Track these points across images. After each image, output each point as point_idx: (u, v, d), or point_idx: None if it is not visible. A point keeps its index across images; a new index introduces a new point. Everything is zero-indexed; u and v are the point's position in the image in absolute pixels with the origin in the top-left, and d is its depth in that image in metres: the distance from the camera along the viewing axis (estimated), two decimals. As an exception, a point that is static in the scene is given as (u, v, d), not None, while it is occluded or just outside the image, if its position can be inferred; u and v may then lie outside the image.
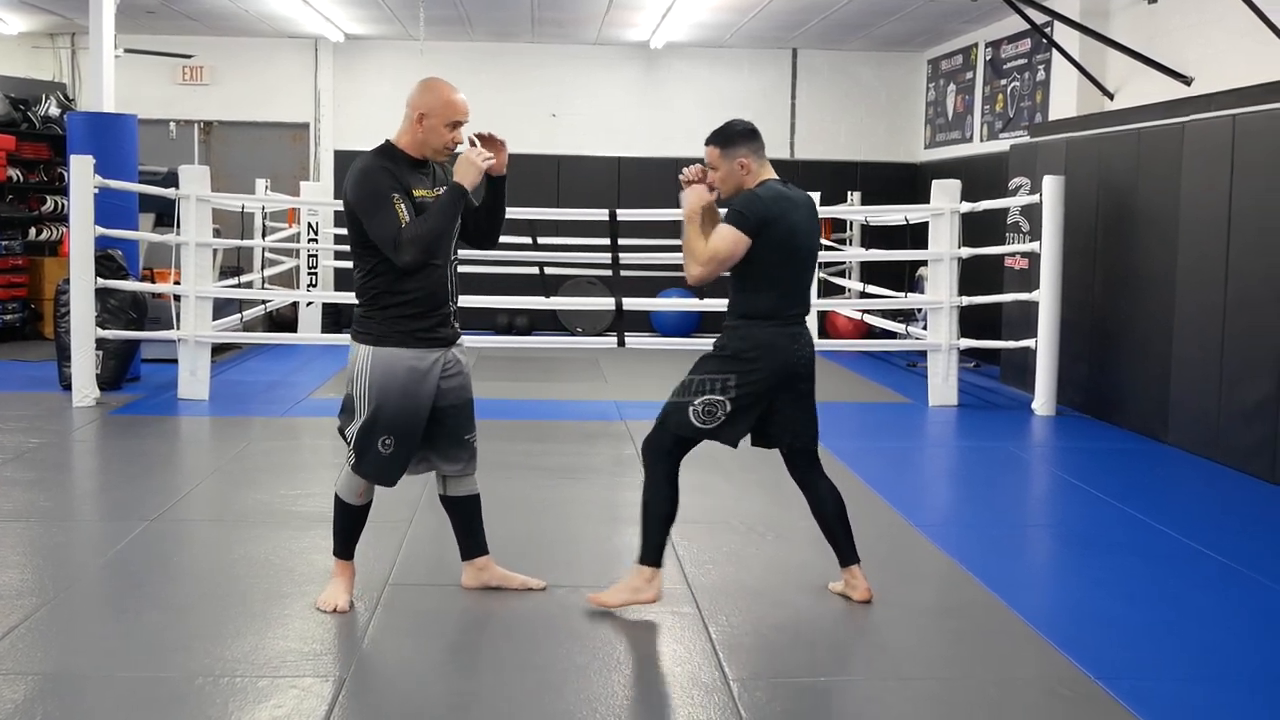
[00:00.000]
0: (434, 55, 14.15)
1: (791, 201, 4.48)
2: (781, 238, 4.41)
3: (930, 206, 9.64)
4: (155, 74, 14.27)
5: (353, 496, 4.47)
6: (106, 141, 9.39)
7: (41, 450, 7.25)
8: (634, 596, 4.47)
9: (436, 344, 4.37)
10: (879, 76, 14.94)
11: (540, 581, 4.75)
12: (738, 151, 4.51)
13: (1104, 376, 8.91)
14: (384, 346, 4.31)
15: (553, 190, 14.20)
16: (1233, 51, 8.16)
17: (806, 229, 4.52)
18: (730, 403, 4.43)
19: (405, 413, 4.32)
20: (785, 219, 4.42)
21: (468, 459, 4.56)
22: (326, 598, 4.47)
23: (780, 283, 4.45)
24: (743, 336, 4.46)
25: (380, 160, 4.34)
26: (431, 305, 4.34)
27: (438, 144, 4.38)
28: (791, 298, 4.50)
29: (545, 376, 10.80)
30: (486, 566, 4.72)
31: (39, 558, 5.19)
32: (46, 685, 3.77)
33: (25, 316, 12.67)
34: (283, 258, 13.24)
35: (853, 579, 4.67)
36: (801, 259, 4.51)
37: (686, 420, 4.47)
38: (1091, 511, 6.28)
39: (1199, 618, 4.64)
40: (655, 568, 4.48)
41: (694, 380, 4.49)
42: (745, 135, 4.55)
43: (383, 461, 4.36)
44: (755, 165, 4.52)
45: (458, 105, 4.41)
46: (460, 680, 3.92)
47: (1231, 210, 7.36)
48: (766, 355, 4.43)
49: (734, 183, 4.52)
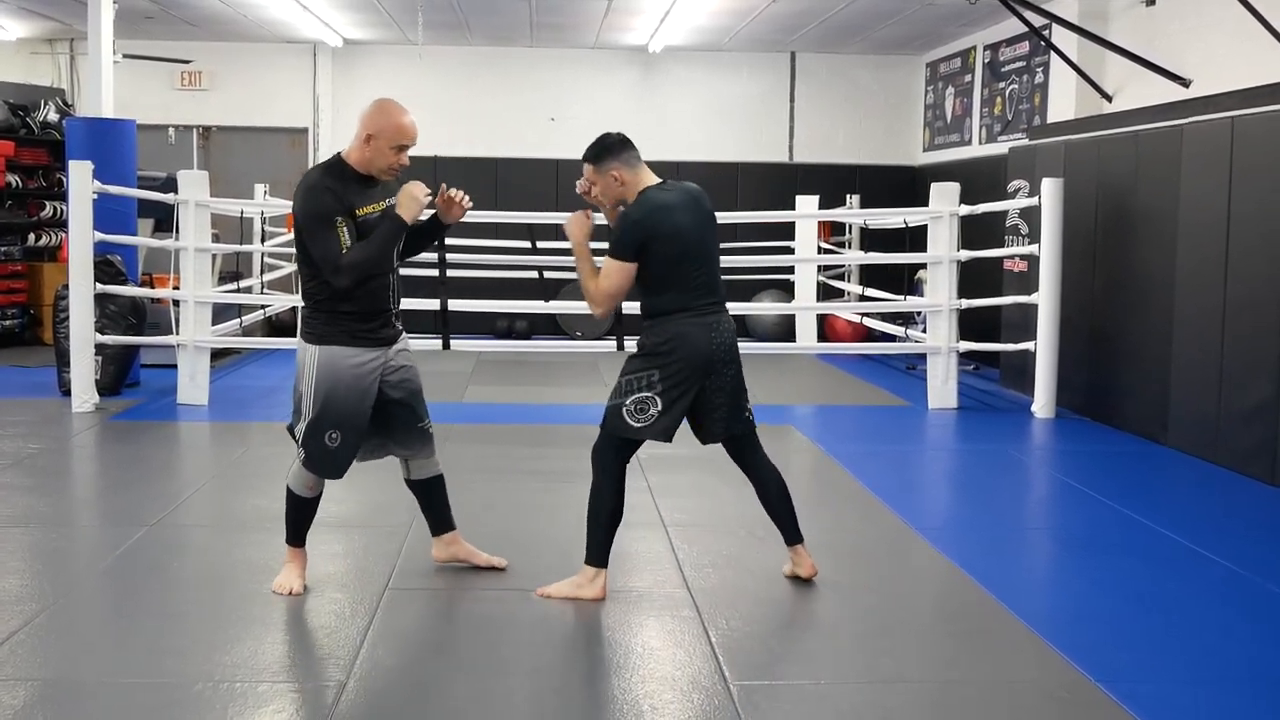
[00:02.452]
0: (432, 60, 14.17)
1: (668, 208, 4.55)
2: (663, 246, 4.52)
3: (929, 209, 9.64)
4: (154, 79, 14.27)
5: (303, 489, 4.69)
6: (105, 147, 9.39)
7: (41, 456, 7.25)
8: (576, 592, 4.64)
9: (378, 343, 4.58)
10: (877, 80, 14.95)
11: (503, 560, 4.99)
12: (609, 165, 4.61)
13: (1103, 379, 8.91)
14: (328, 345, 4.51)
15: (551, 194, 14.21)
16: (1231, 54, 8.17)
17: (691, 225, 4.59)
18: (659, 397, 4.54)
19: (349, 407, 4.53)
20: (662, 228, 4.52)
21: (423, 443, 4.80)
22: (281, 581, 4.69)
23: (677, 281, 4.56)
24: (656, 332, 4.58)
25: (326, 179, 4.50)
26: (373, 308, 4.55)
27: (383, 165, 4.54)
28: (696, 291, 4.59)
29: (544, 381, 10.80)
30: (454, 541, 4.98)
31: (38, 563, 5.19)
32: (46, 691, 3.77)
33: (24, 322, 12.67)
34: (282, 262, 13.22)
35: (798, 557, 4.86)
36: (694, 256, 4.59)
37: (622, 421, 4.60)
38: (1091, 514, 6.27)
39: (1198, 620, 4.64)
40: (600, 568, 4.65)
41: (622, 381, 4.62)
42: (615, 148, 4.63)
43: (329, 454, 4.57)
44: (629, 175, 4.61)
45: (405, 129, 4.54)
46: (460, 684, 3.91)
47: (1230, 212, 7.36)
48: (681, 345, 4.53)
49: (613, 194, 4.65)
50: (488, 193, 13.85)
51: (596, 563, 4.65)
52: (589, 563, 4.65)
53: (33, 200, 13.06)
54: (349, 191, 4.47)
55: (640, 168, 4.63)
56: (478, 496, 6.11)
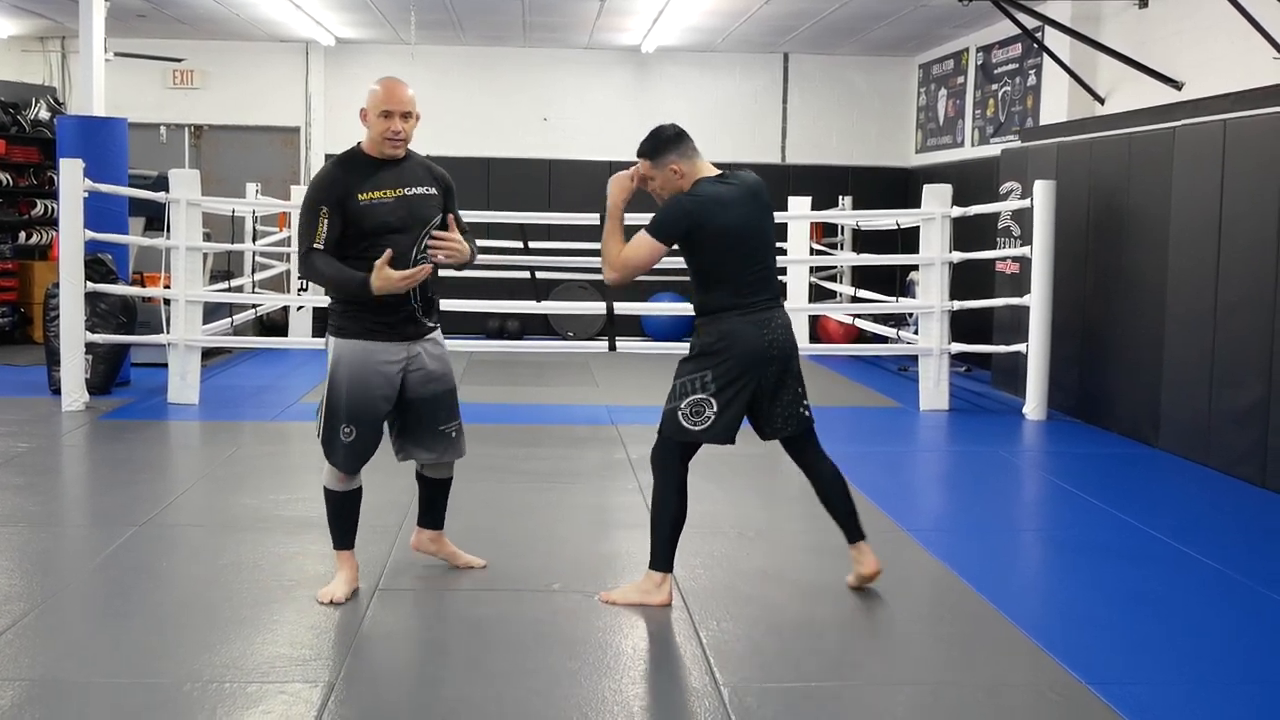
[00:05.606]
0: (425, 59, 14.14)
1: (722, 203, 4.48)
2: (712, 240, 4.45)
3: (921, 211, 9.65)
4: (146, 78, 14.23)
5: (335, 482, 4.60)
6: (96, 145, 9.36)
7: (30, 455, 7.22)
8: (643, 598, 4.58)
9: (398, 338, 4.49)
10: (870, 81, 14.95)
11: (481, 561, 4.98)
12: (668, 159, 4.55)
13: (1095, 381, 8.92)
14: (345, 338, 4.47)
15: (544, 194, 14.21)
16: (1223, 56, 8.18)
17: (745, 220, 4.52)
18: (714, 399, 4.48)
19: (363, 401, 4.47)
20: (715, 221, 4.44)
21: (443, 449, 4.69)
22: (326, 589, 4.59)
23: (729, 277, 4.50)
24: (708, 331, 4.53)
25: (332, 169, 4.52)
26: (394, 301, 4.43)
27: (376, 135, 4.50)
28: (748, 288, 4.53)
29: (536, 381, 10.79)
30: (438, 539, 4.96)
31: (27, 563, 5.17)
32: (34, 691, 3.75)
33: (15, 321, 12.64)
34: (273, 262, 13.21)
35: (860, 554, 4.74)
36: (745, 251, 4.52)
37: (678, 425, 4.52)
38: (1082, 516, 6.28)
39: (1190, 622, 4.64)
40: (665, 573, 4.59)
41: (676, 385, 4.56)
42: (672, 141, 4.57)
43: (345, 449, 4.49)
44: (687, 167, 4.55)
45: (386, 93, 4.49)
46: (450, 686, 3.90)
47: (1222, 215, 7.38)
48: (734, 343, 4.48)
49: (671, 188, 4.58)
50: (480, 193, 13.85)
51: (662, 568, 4.58)
52: (654, 568, 4.59)
53: (23, 198, 13.03)
54: (352, 178, 4.43)
55: (697, 158, 4.56)
56: (468, 495, 6.09)
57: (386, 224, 4.41)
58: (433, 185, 4.58)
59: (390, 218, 4.42)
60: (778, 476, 6.59)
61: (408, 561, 5.09)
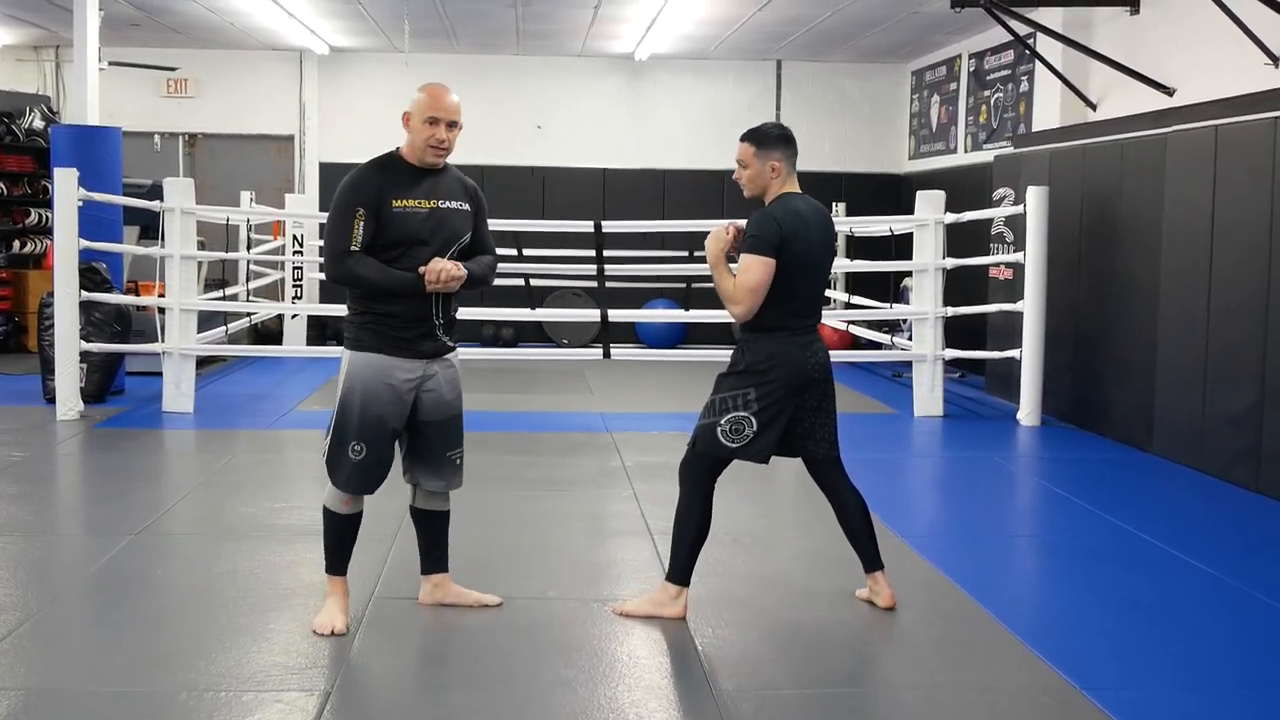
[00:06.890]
0: (419, 68, 14.13)
1: (805, 221, 4.47)
2: (796, 256, 4.42)
3: (915, 217, 9.66)
4: (140, 86, 14.22)
5: (337, 504, 4.42)
6: (91, 154, 9.35)
7: (25, 464, 7.22)
8: (657, 610, 4.53)
9: (414, 355, 4.32)
10: (863, 88, 14.98)
11: (496, 598, 4.69)
12: (772, 154, 4.51)
13: (1088, 386, 8.94)
14: (358, 351, 4.31)
15: (538, 202, 14.20)
16: (1215, 63, 8.20)
17: (819, 242, 4.53)
18: (755, 417, 4.44)
19: (373, 418, 4.28)
20: (799, 237, 4.43)
21: (449, 477, 4.52)
22: (322, 620, 4.37)
23: (793, 297, 4.47)
24: (755, 349, 4.48)
25: (369, 171, 4.35)
26: (414, 315, 4.29)
27: (419, 141, 4.34)
28: (800, 310, 4.52)
29: (530, 388, 10.79)
30: (442, 584, 4.65)
31: (22, 572, 5.16)
32: (30, 700, 3.75)
33: (9, 330, 12.61)
34: (268, 270, 13.21)
35: (876, 585, 4.70)
36: (812, 273, 4.53)
37: (716, 441, 4.48)
38: (1076, 521, 6.29)
39: (1183, 627, 4.65)
40: (682, 586, 4.54)
41: (716, 400, 4.50)
42: (783, 141, 4.55)
43: (354, 469, 4.31)
44: (786, 171, 4.53)
45: (433, 100, 4.32)
46: (445, 694, 3.90)
47: (1214, 220, 7.40)
48: (780, 365, 4.44)
49: (761, 184, 4.54)
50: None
51: (679, 580, 4.54)
52: (671, 580, 4.55)
53: (18, 208, 13.01)
54: (389, 182, 4.27)
55: (794, 172, 4.55)
56: (462, 505, 6.09)
57: (416, 235, 4.26)
58: (466, 201, 4.44)
59: (420, 229, 4.27)
60: (773, 484, 6.60)
61: (403, 570, 5.08)
